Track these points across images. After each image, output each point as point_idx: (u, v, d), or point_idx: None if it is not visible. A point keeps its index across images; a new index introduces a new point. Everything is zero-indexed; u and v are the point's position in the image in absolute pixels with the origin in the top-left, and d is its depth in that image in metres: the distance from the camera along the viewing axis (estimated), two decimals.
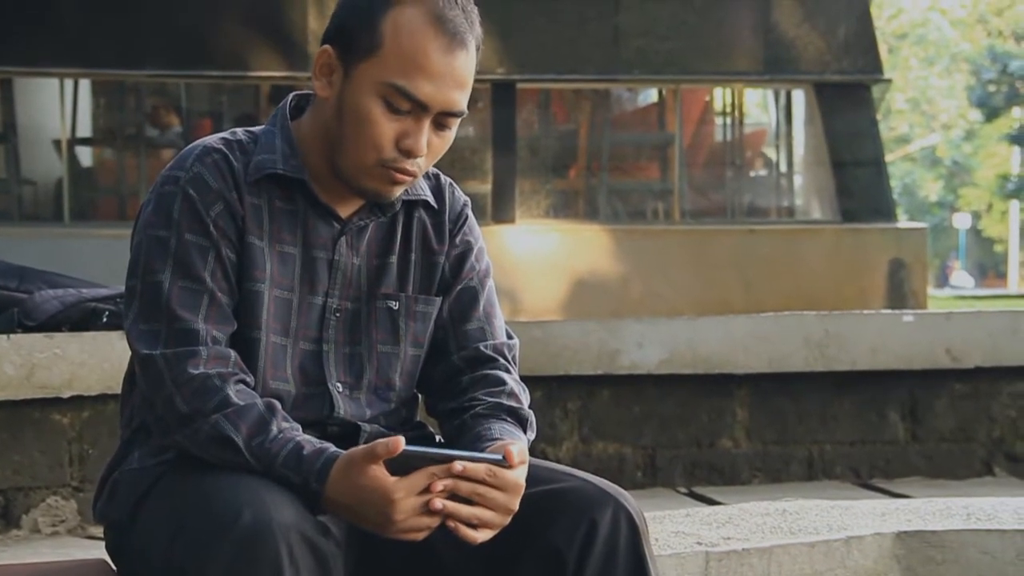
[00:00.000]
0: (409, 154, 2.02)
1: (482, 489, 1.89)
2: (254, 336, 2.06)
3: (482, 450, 1.97)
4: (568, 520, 1.97)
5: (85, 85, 12.73)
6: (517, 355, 2.20)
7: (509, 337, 2.20)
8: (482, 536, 1.91)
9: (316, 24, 11.74)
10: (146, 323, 2.02)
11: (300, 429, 1.99)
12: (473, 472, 1.88)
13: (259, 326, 2.06)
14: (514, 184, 12.52)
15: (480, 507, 1.89)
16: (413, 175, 2.05)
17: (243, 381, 2.01)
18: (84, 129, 12.99)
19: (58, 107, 12.27)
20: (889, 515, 3.09)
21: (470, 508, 1.89)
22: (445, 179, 2.22)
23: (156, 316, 2.02)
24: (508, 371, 2.16)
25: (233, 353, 2.03)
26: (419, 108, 2.01)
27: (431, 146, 2.04)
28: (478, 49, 2.06)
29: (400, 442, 1.85)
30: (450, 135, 2.06)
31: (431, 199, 2.17)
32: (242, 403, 1.98)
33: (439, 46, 2.00)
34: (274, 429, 1.97)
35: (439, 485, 1.87)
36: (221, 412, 1.97)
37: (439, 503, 1.87)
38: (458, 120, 2.06)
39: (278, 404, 2.00)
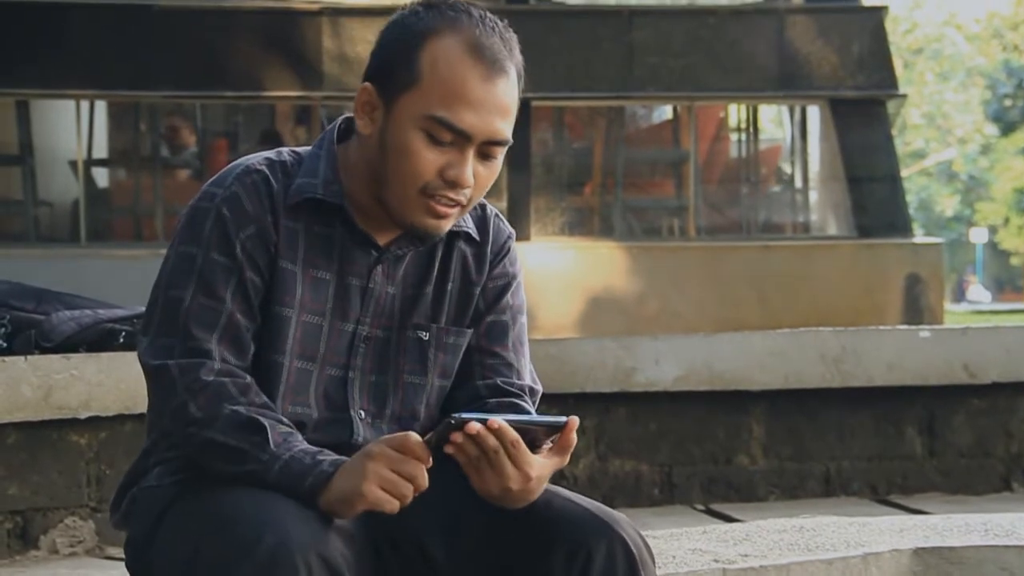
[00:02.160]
0: (454, 185, 2.00)
1: (499, 451, 1.88)
2: (277, 360, 2.06)
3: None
4: (563, 551, 1.95)
5: (101, 106, 12.79)
6: (537, 402, 2.19)
7: (534, 382, 2.19)
8: (478, 486, 1.92)
9: (330, 43, 11.78)
10: (161, 337, 2.03)
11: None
12: (496, 433, 1.88)
13: (283, 351, 2.05)
14: (529, 202, 12.54)
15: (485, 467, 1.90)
16: (460, 205, 2.03)
17: (259, 393, 2.02)
18: (100, 150, 13.04)
19: (74, 128, 12.32)
20: (907, 531, 3.08)
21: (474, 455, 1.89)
22: (491, 210, 2.19)
23: (172, 331, 2.02)
24: (532, 410, 2.15)
25: (249, 377, 2.03)
26: (462, 138, 1.99)
27: (478, 177, 2.02)
28: (520, 77, 2.04)
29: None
30: (496, 165, 2.04)
31: (473, 231, 2.15)
32: (270, 409, 2.00)
33: (478, 74, 1.98)
34: (297, 434, 1.99)
35: (459, 437, 1.88)
36: (243, 406, 1.98)
37: (461, 437, 1.88)
38: (503, 149, 2.03)
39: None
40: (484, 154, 2.02)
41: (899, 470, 4.95)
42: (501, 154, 2.04)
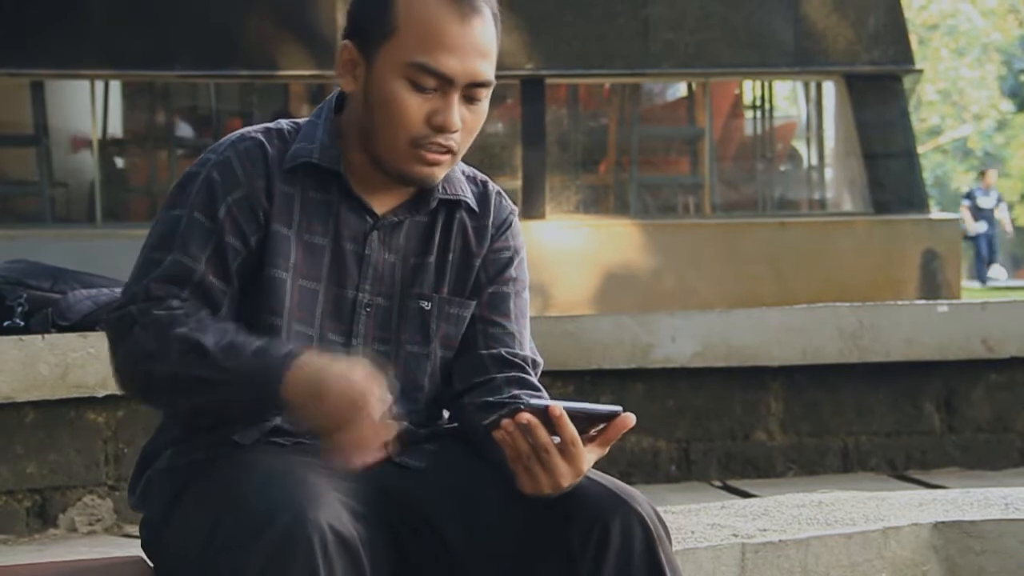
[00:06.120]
0: (442, 130, 2.01)
1: (551, 450, 1.87)
2: (274, 322, 2.05)
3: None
4: (581, 527, 1.94)
5: (115, 86, 12.79)
6: (539, 375, 2.17)
7: (535, 355, 2.18)
8: (527, 486, 1.90)
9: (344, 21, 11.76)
10: (132, 287, 2.03)
11: None
12: (563, 426, 1.86)
13: (280, 313, 2.05)
14: (544, 180, 12.51)
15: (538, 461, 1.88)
16: (450, 151, 2.04)
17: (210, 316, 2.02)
18: (115, 130, 13.05)
19: (89, 109, 12.32)
20: (927, 505, 3.07)
21: (526, 449, 1.88)
22: (493, 186, 2.20)
23: (142, 282, 2.02)
24: (538, 383, 2.14)
25: (206, 310, 2.02)
26: (445, 83, 2.00)
27: (465, 121, 2.03)
28: (496, 18, 2.05)
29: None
30: (482, 108, 2.06)
31: (473, 203, 2.15)
32: (211, 320, 1.99)
33: (453, 17, 2.00)
34: (244, 334, 1.97)
35: (525, 418, 1.86)
36: (188, 327, 1.97)
37: (512, 425, 1.86)
38: (488, 91, 2.05)
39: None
40: (469, 97, 2.03)
41: (917, 445, 4.94)
42: (486, 97, 2.06)
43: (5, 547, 3.83)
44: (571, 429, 1.87)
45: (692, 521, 2.88)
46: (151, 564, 2.11)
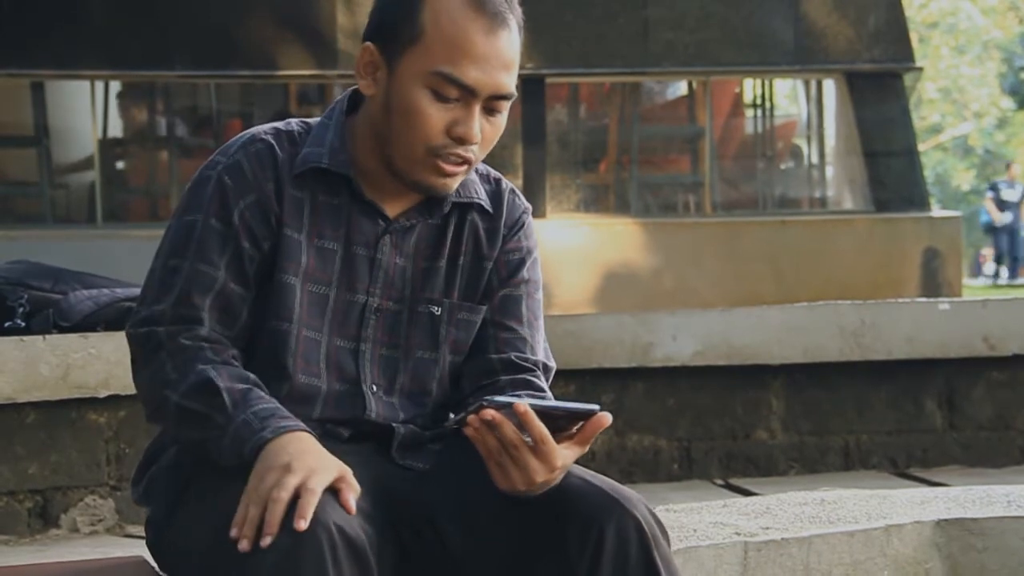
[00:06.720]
0: (462, 141, 2.00)
1: (521, 447, 1.87)
2: (284, 327, 2.05)
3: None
4: (576, 530, 1.93)
5: (115, 86, 12.78)
6: (551, 379, 2.17)
7: (547, 359, 2.17)
8: (501, 482, 1.90)
9: (345, 21, 11.76)
10: (154, 304, 2.02)
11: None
12: (531, 424, 1.85)
13: (290, 318, 2.04)
14: (544, 179, 12.50)
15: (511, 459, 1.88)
16: (467, 162, 2.02)
17: (236, 359, 2.01)
18: (115, 130, 13.04)
19: (89, 109, 12.31)
20: (928, 503, 3.07)
21: (496, 448, 1.87)
22: (506, 184, 2.18)
23: (165, 298, 2.02)
24: (546, 387, 2.14)
25: (233, 349, 2.02)
26: (468, 94, 1.99)
27: (484, 133, 2.02)
28: (520, 30, 2.03)
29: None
30: (501, 120, 2.04)
31: (487, 203, 2.14)
32: (234, 366, 1.99)
33: (481, 28, 1.98)
34: (261, 392, 1.96)
35: (489, 414, 1.85)
36: (211, 365, 1.97)
37: (477, 421, 1.86)
38: (508, 104, 2.03)
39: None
40: (489, 109, 2.02)
41: (919, 443, 4.94)
42: (506, 109, 2.04)
43: (7, 548, 3.83)
44: (538, 426, 1.86)
45: (694, 519, 2.88)
46: (156, 565, 2.11)
